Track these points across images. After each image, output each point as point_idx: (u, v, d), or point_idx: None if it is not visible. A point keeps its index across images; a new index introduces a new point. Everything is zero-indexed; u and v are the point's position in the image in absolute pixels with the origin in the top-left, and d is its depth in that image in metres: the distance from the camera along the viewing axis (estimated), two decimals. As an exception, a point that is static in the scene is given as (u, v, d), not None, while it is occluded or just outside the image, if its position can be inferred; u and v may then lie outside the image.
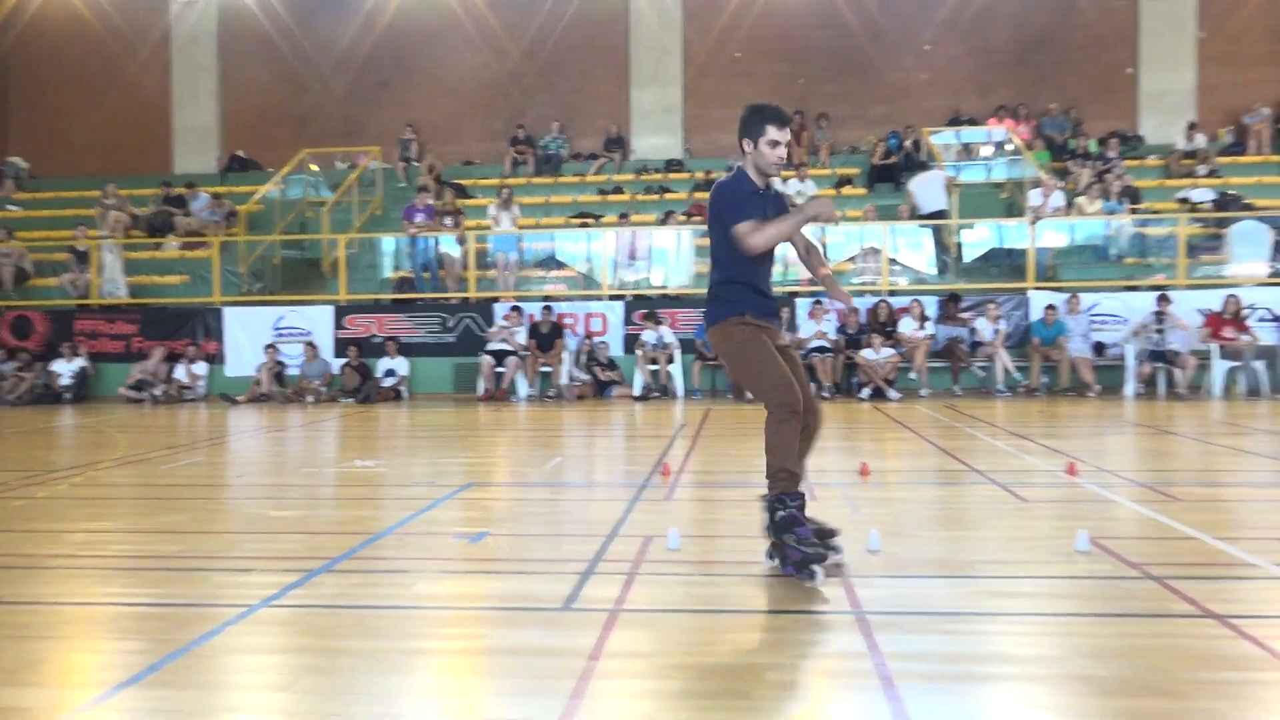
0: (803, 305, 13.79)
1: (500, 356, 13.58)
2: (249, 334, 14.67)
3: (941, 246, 15.33)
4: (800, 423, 4.03)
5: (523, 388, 13.59)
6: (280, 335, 14.58)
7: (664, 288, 15.18)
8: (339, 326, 14.65)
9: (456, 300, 14.99)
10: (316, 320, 14.69)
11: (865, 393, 12.64)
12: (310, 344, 14.21)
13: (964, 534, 4.94)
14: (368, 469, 7.61)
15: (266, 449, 9.40)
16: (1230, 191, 15.61)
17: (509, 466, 8.05)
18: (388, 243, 16.43)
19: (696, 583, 4.08)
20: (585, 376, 13.63)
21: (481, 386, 13.56)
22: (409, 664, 3.17)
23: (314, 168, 18.89)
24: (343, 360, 14.10)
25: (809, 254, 4.50)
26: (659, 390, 13.33)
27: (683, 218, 16.32)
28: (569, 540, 4.92)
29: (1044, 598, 3.85)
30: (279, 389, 13.85)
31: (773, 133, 4.27)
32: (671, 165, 18.93)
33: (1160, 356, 12.37)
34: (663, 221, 16.05)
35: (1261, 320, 12.84)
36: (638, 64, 19.70)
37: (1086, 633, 3.38)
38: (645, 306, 14.26)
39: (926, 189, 15.48)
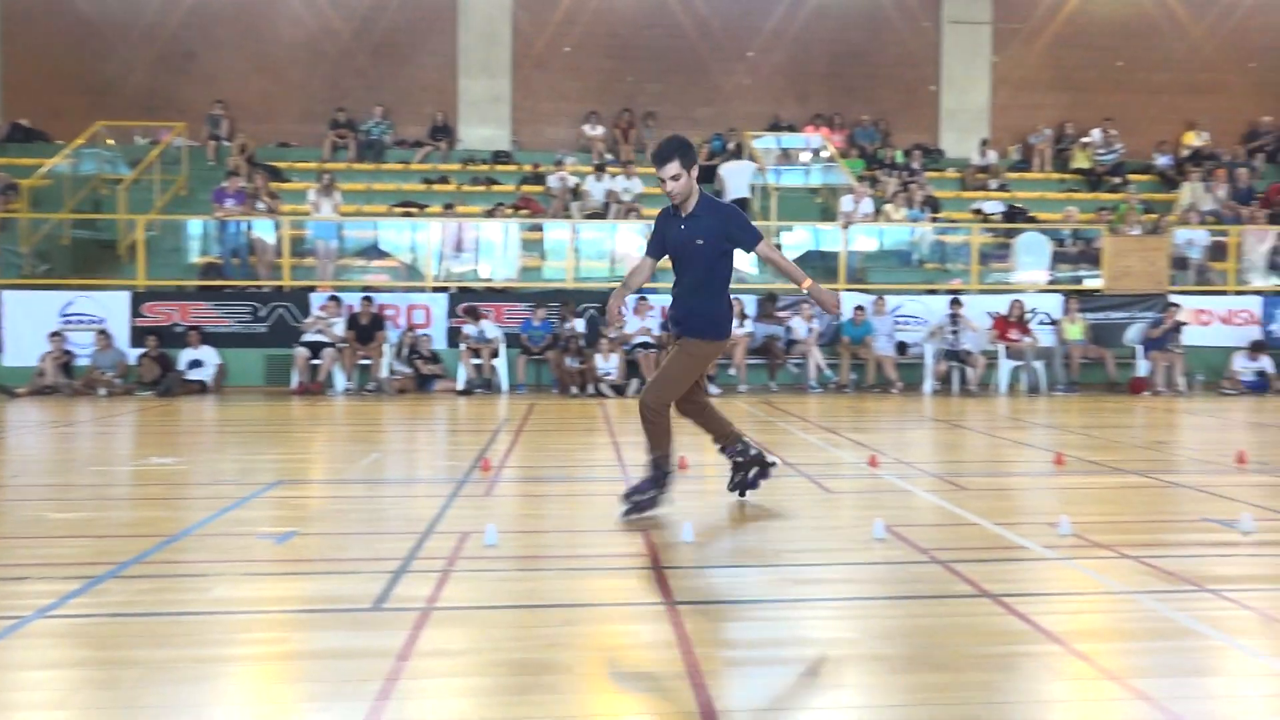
0: (628, 301, 13.95)
1: (316, 348, 13.04)
2: (32, 320, 13.41)
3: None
4: (665, 412, 5.28)
5: (340, 381, 13.11)
6: (68, 322, 13.43)
7: (490, 281, 15.02)
8: (136, 314, 13.63)
9: (269, 289, 14.28)
10: (111, 307, 13.61)
11: (687, 388, 12.94)
12: (103, 332, 13.16)
13: (773, 525, 5.15)
14: (166, 467, 7.14)
15: (49, 446, 8.66)
16: (1017, 204, 17.01)
17: (323, 463, 7.75)
18: (194, 225, 15.42)
19: (512, 578, 4.07)
20: (407, 370, 13.29)
21: (295, 379, 12.98)
22: (201, 673, 3.00)
23: (110, 142, 17.50)
24: (140, 350, 13.14)
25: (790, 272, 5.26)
26: (483, 385, 13.18)
27: (510, 211, 16.19)
28: (383, 538, 4.79)
29: (843, 583, 4.07)
30: (66, 380, 12.76)
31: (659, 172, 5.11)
32: (499, 157, 18.74)
33: (954, 356, 13.32)
34: (490, 214, 15.87)
35: (1041, 323, 14.06)
36: (467, 52, 19.37)
37: (879, 615, 3.60)
38: (471, 299, 14.06)
39: (735, 176, 16.19)
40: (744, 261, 15.81)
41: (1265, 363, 13.40)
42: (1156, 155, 19.10)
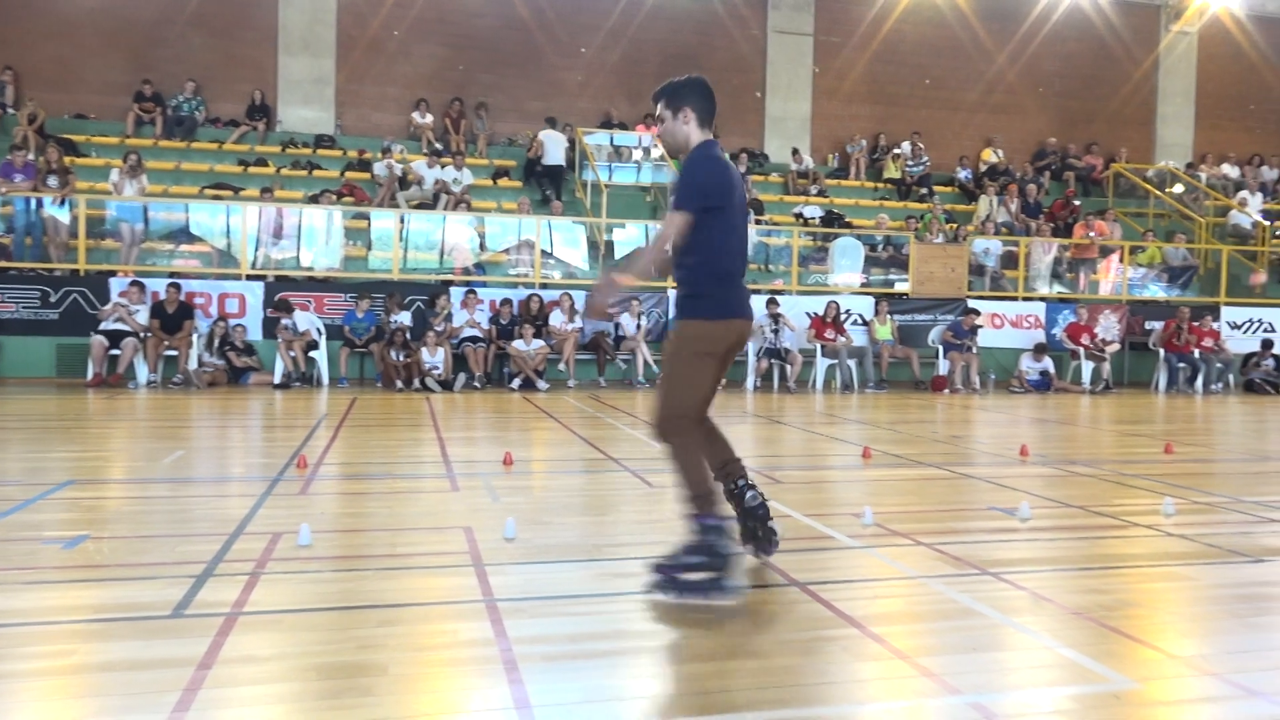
0: (456, 294, 13.76)
1: (115, 337, 12.16)
2: None
3: (593, 244, 16.04)
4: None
5: (142, 373, 12.28)
6: None
7: (311, 270, 14.44)
8: (-97, 296, 12.31)
9: (63, 272, 13.19)
10: None
11: (515, 383, 12.90)
12: None
13: (595, 519, 5.22)
14: (-65, 466, 6.48)
15: None
16: (834, 210, 17.87)
17: (121, 461, 7.24)
18: (-27, 201, 14.05)
19: (327, 580, 3.95)
20: (218, 362, 12.60)
21: (91, 370, 12.05)
22: (-27, 692, 2.76)
23: None
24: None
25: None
26: (301, 378, 12.67)
27: (333, 197, 15.62)
28: (187, 541, 4.54)
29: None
30: None
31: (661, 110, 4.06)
32: (322, 141, 18.02)
33: (775, 354, 13.88)
34: (313, 200, 15.24)
35: (854, 324, 14.85)
36: (288, 28, 18.49)
37: (694, 606, 3.72)
38: (290, 289, 13.48)
39: (552, 143, 16.85)
40: (575, 256, 15.96)
41: (1048, 363, 14.67)
42: (958, 169, 20.52)
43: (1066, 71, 22.48)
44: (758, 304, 14.58)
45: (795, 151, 19.87)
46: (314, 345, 12.82)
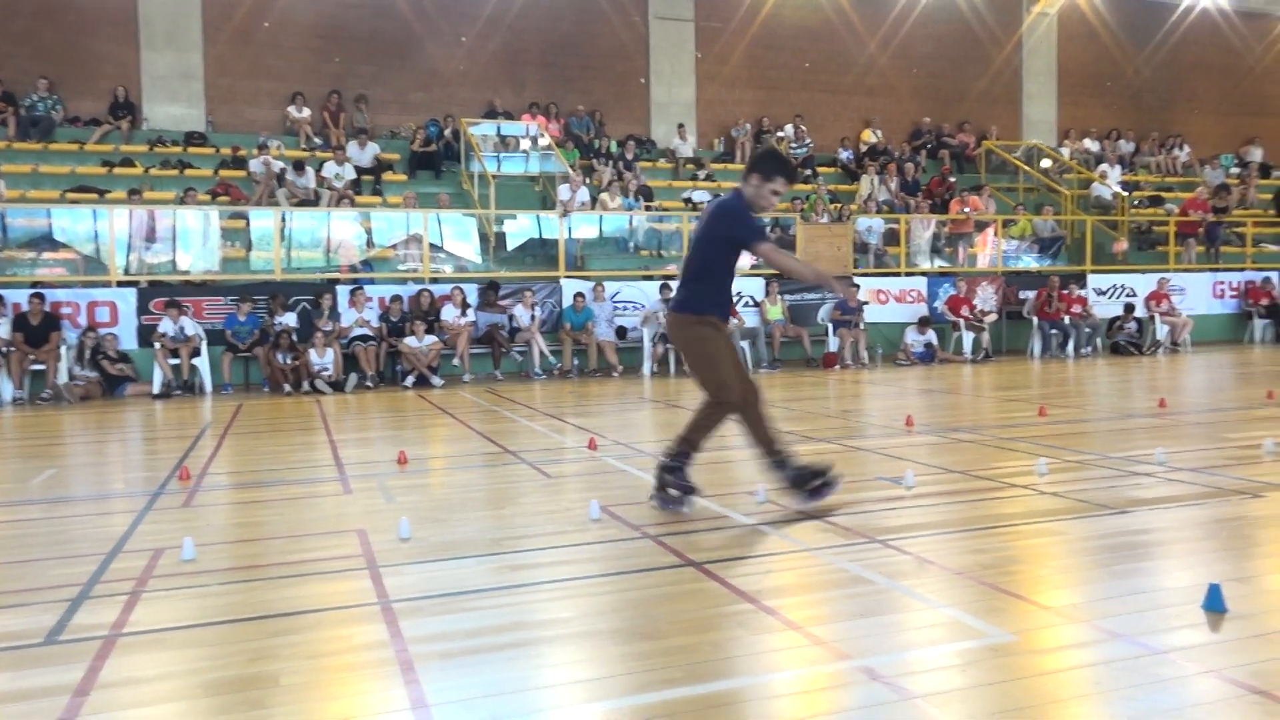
0: (343, 292, 13.43)
1: (-25, 353, 11.45)
2: None
3: (484, 236, 15.87)
4: (725, 413, 5.03)
5: (6, 390, 11.60)
6: None
7: (188, 274, 13.86)
8: None
9: (-90, 286, 12.34)
10: None
11: (409, 380, 12.69)
12: None
13: (492, 514, 5.20)
14: None
15: None
16: (722, 194, 18.09)
17: (-15, 484, 6.83)
18: None
19: (213, 593, 3.83)
20: (90, 374, 12.00)
21: (-51, 390, 11.33)
22: None
23: None
24: None
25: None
26: (182, 386, 12.17)
27: (206, 197, 15.03)
28: (61, 563, 4.33)
29: (559, 565, 4.19)
30: None
31: (780, 185, 4.95)
32: (193, 139, 17.29)
33: (668, 338, 13.99)
34: (183, 200, 14.62)
35: (746, 305, 15.09)
36: (149, 21, 17.62)
37: (593, 593, 3.75)
38: (166, 294, 12.92)
39: None
40: (467, 250, 15.73)
41: (931, 336, 15.22)
42: (840, 150, 21.04)
43: (937, 53, 23.26)
44: (650, 290, 14.68)
45: (680, 126, 20.03)
46: (196, 351, 12.33)
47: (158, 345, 12.09)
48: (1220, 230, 19.81)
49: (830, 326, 15.03)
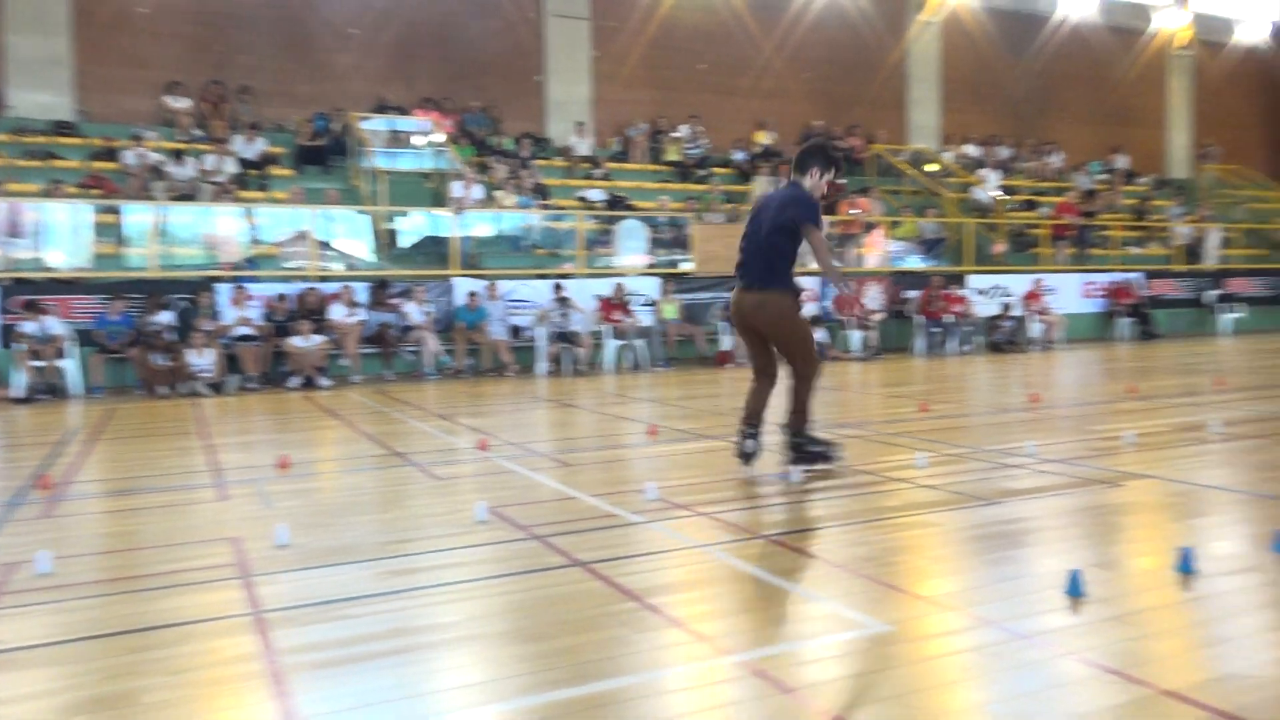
0: (225, 291, 12.93)
1: None
2: None
3: (375, 233, 15.50)
4: (815, 378, 5.82)
5: None
6: None
7: (55, 271, 13.12)
8: None
9: None
10: None
11: (294, 382, 12.30)
12: None
13: (375, 518, 5.07)
14: None
15: None
16: (618, 193, 18.14)
17: None
18: None
19: (71, 608, 3.62)
20: (-55, 377, 11.23)
21: None
22: None
23: None
24: None
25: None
26: (47, 390, 11.51)
27: (75, 189, 14.26)
28: (-101, 581, 4.02)
29: (443, 569, 4.11)
30: None
31: (833, 174, 5.72)
32: (61, 128, 16.37)
33: (564, 337, 13.96)
34: (49, 193, 13.82)
35: (641, 305, 15.15)
36: (13, 3, 16.61)
37: (478, 595, 3.69)
38: (30, 292, 12.21)
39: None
40: (358, 247, 15.33)
41: (821, 334, 15.56)
42: (734, 150, 21.33)
43: (828, 58, 23.83)
44: (543, 289, 14.59)
45: (580, 125, 19.98)
46: (62, 352, 11.67)
47: (19, 346, 11.40)
48: (1089, 233, 20.89)
49: (724, 324, 15.20)
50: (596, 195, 17.63)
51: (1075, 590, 3.47)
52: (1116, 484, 5.42)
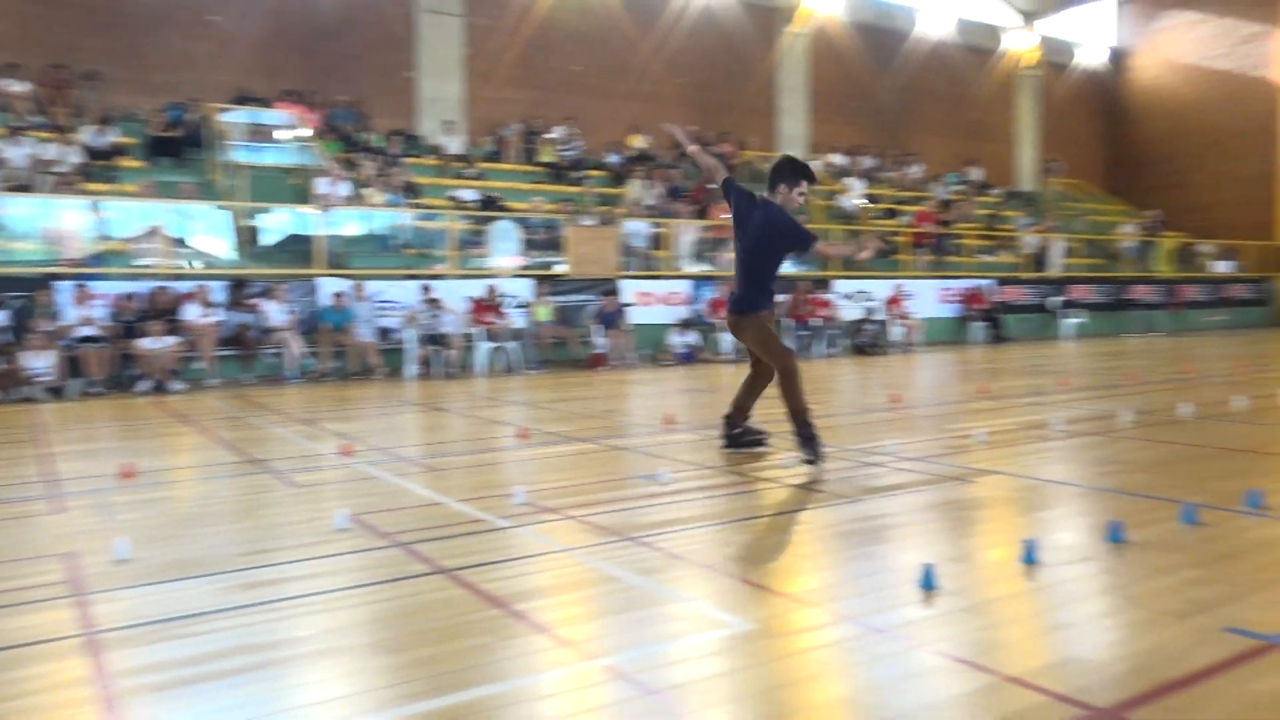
0: (66, 289, 12.11)
1: None
2: None
3: (236, 230, 14.82)
4: (796, 369, 6.21)
5: None
6: None
7: None
8: None
9: None
10: None
11: (144, 386, 11.62)
12: None
13: (226, 529, 4.82)
14: None
15: None
16: (491, 194, 17.91)
17: None
18: None
19: (-127, 635, 3.28)
20: None
21: None
22: None
23: None
24: None
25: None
26: None
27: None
28: None
29: (299, 581, 3.93)
30: None
31: (804, 187, 6.29)
32: (-123, 110, 15.01)
33: (434, 339, 13.68)
34: None
35: (514, 307, 15.00)
36: None
37: (334, 607, 3.54)
38: None
39: None
40: (217, 245, 14.61)
41: (693, 337, 15.77)
42: (608, 153, 21.39)
43: (703, 65, 24.20)
44: (413, 290, 14.23)
45: (451, 123, 19.61)
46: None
47: None
48: (945, 242, 21.89)
49: (599, 327, 15.22)
50: (469, 195, 17.36)
51: (929, 584, 3.59)
52: (968, 480, 5.66)
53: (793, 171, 6.28)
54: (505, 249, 16.17)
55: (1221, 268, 26.92)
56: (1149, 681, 2.75)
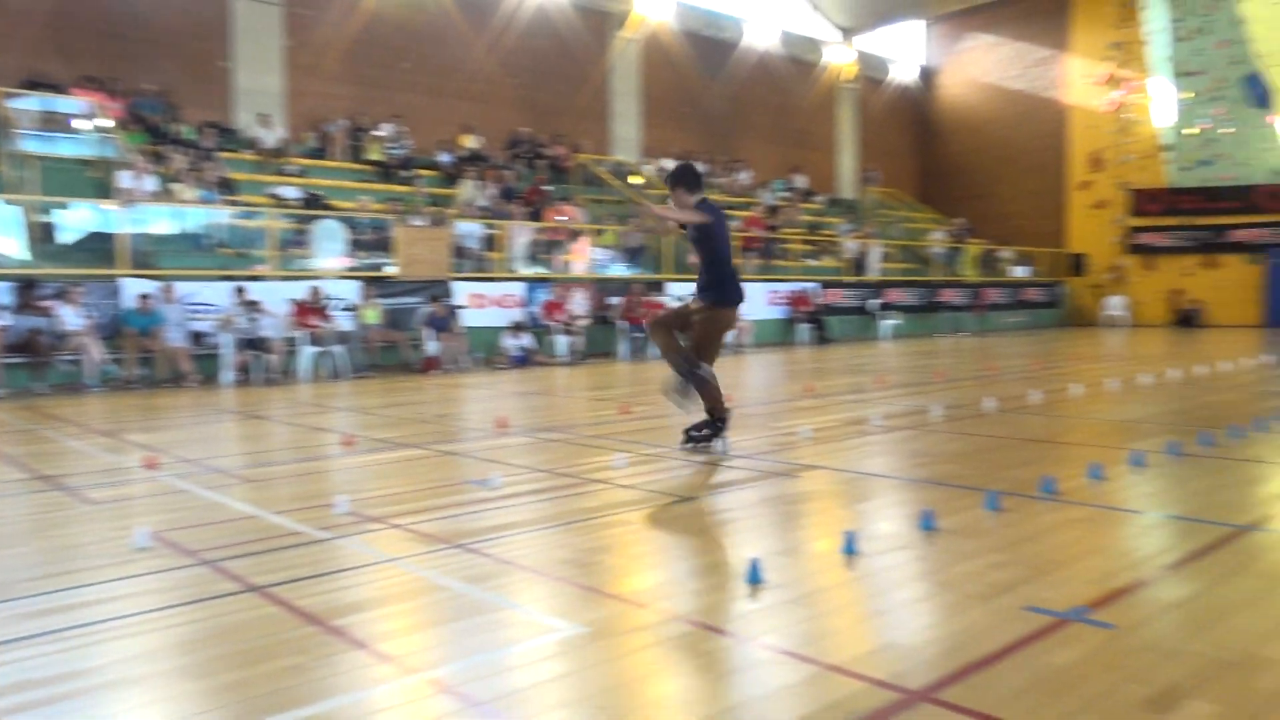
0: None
1: None
2: None
3: (27, 226, 13.53)
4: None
5: None
6: None
7: None
8: None
9: None
10: None
11: (-85, 396, 10.45)
12: None
13: (13, 552, 4.36)
14: None
15: None
16: (315, 192, 17.17)
17: None
18: None
19: None
20: None
21: None
22: None
23: None
24: None
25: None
26: None
27: None
28: None
29: (92, 606, 3.58)
30: None
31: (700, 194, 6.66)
32: None
33: (253, 344, 12.96)
34: None
35: (340, 309, 14.42)
36: None
37: (130, 634, 3.26)
38: None
39: None
40: (8, 244, 13.28)
41: (527, 339, 15.64)
42: (439, 153, 20.93)
43: (537, 67, 24.06)
44: (226, 292, 13.43)
45: (266, 116, 18.62)
46: None
47: None
48: (773, 246, 22.66)
49: (430, 330, 14.85)
50: (291, 193, 16.57)
51: (755, 578, 3.65)
52: (794, 475, 5.84)
53: (695, 179, 6.68)
54: (330, 249, 15.52)
55: (1020, 273, 29.11)
56: (958, 661, 2.88)
